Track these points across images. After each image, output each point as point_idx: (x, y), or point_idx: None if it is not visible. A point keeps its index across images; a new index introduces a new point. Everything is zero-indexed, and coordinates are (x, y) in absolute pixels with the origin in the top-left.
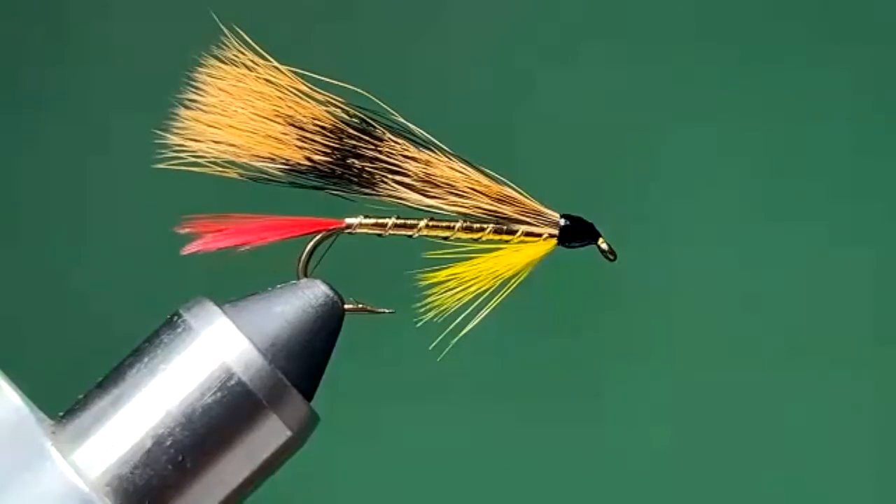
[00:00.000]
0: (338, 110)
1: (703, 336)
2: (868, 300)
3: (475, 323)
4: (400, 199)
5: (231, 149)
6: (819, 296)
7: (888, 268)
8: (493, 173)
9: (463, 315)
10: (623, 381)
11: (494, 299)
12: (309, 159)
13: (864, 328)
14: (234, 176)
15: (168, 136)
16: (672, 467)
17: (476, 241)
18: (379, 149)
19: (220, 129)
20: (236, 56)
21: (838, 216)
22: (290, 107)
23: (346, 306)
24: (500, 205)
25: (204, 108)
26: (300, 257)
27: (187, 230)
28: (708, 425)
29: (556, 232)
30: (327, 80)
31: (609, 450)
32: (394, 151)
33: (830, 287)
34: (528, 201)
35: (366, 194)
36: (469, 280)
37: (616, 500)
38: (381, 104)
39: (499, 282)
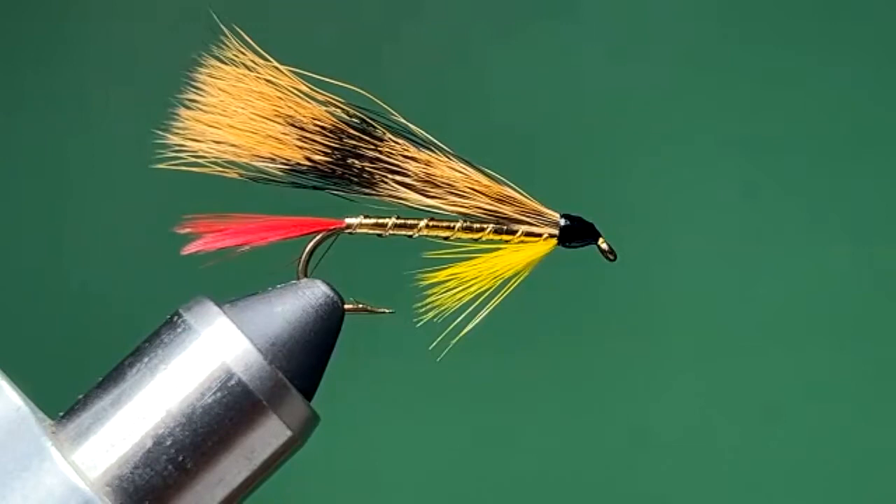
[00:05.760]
0: (338, 110)
1: (703, 335)
2: (868, 298)
3: (475, 323)
4: (400, 199)
5: (231, 149)
6: (821, 293)
7: (886, 263)
8: (494, 173)
9: (463, 315)
10: (623, 380)
11: (494, 299)
12: (309, 159)
13: (858, 323)
14: (235, 176)
15: (168, 136)
16: (673, 466)
17: (476, 241)
18: (379, 149)
19: (220, 129)
20: (236, 56)
21: (840, 216)
22: (290, 107)
23: (346, 306)
24: (500, 205)
25: (204, 108)
26: (300, 257)
27: (187, 230)
28: (709, 424)
29: (556, 232)
30: (327, 80)
31: (609, 450)
32: (394, 151)
33: (832, 285)
34: (528, 201)
35: (366, 194)
36: (469, 280)
37: (617, 500)
38: (381, 104)
39: (499, 282)
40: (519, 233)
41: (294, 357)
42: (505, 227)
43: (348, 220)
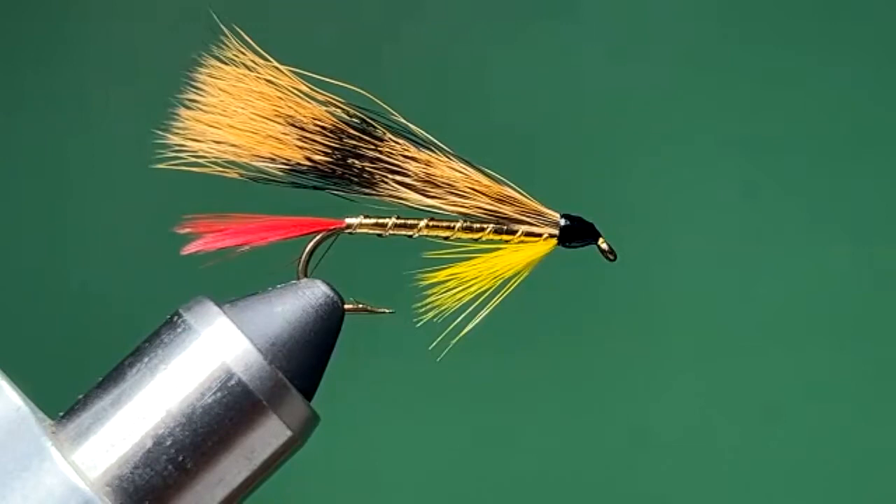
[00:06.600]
0: (338, 110)
1: (703, 335)
2: (868, 298)
3: (475, 323)
4: (400, 199)
5: (231, 149)
6: (821, 293)
7: (886, 263)
8: (494, 173)
9: (463, 315)
10: (623, 380)
11: (494, 299)
12: (309, 159)
13: (858, 323)
14: (235, 176)
15: (168, 136)
16: (673, 466)
17: (476, 241)
18: (379, 149)
19: (220, 129)
20: (236, 56)
21: (840, 216)
22: (290, 107)
23: (346, 306)
24: (500, 205)
25: (204, 108)
26: (300, 257)
27: (187, 230)
28: (709, 424)
29: (556, 232)
30: (327, 80)
31: (609, 450)
32: (394, 151)
33: (832, 285)
34: (528, 201)
35: (366, 194)
36: (469, 280)
37: (617, 500)
38: (382, 104)
39: (499, 282)
40: (519, 233)
41: (294, 357)
42: (505, 227)
43: (348, 220)
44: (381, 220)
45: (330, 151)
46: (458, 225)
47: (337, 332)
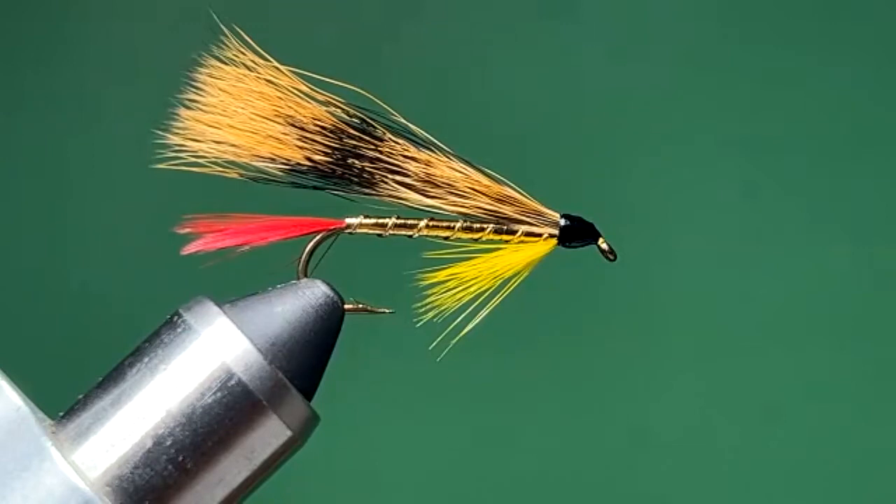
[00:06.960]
0: (338, 110)
1: (703, 335)
2: (868, 298)
3: (475, 323)
4: (400, 199)
5: (231, 149)
6: (821, 293)
7: (886, 263)
8: (494, 173)
9: (463, 315)
10: (623, 380)
11: (494, 299)
12: (309, 159)
13: (858, 323)
14: (235, 176)
15: (168, 136)
16: (673, 466)
17: (476, 241)
18: (379, 149)
19: (220, 129)
20: (236, 56)
21: (840, 216)
22: (290, 107)
23: (346, 306)
24: (500, 205)
25: (204, 108)
26: (300, 257)
27: (187, 230)
28: (709, 424)
29: (556, 232)
30: (327, 80)
31: (609, 450)
32: (394, 151)
33: (832, 285)
34: (528, 201)
35: (366, 194)
36: (469, 280)
37: (617, 500)
38: (382, 104)
39: (499, 282)
40: (519, 233)
41: (294, 357)
42: (505, 227)
43: (348, 220)
44: (381, 220)
45: (330, 151)
46: (458, 225)
47: (337, 332)
